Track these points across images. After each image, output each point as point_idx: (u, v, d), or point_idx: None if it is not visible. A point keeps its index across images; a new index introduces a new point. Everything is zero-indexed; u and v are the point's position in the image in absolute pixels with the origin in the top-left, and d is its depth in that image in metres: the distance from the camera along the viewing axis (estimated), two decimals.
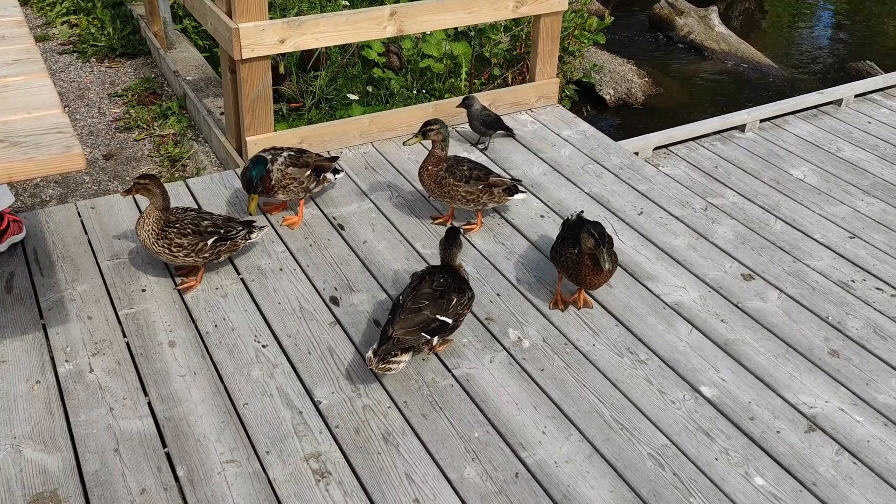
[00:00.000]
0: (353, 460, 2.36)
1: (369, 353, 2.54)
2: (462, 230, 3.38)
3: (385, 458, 2.37)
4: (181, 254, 2.87)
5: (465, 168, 3.28)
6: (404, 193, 3.66)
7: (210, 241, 2.90)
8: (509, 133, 4.12)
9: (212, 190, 3.62)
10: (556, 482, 2.32)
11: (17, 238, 3.14)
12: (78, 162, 1.66)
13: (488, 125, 3.93)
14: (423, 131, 3.27)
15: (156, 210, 2.84)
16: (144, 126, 4.49)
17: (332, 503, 2.22)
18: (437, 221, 3.47)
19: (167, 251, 2.85)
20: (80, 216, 3.38)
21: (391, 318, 2.59)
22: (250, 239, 3.04)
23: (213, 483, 2.26)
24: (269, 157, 3.24)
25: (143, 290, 2.98)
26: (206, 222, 2.92)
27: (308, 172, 3.31)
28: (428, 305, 2.60)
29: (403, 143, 3.32)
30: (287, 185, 3.26)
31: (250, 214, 3.21)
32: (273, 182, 3.21)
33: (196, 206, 3.48)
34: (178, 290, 2.96)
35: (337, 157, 3.55)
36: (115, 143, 4.32)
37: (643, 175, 3.90)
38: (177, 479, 2.27)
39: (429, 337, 2.59)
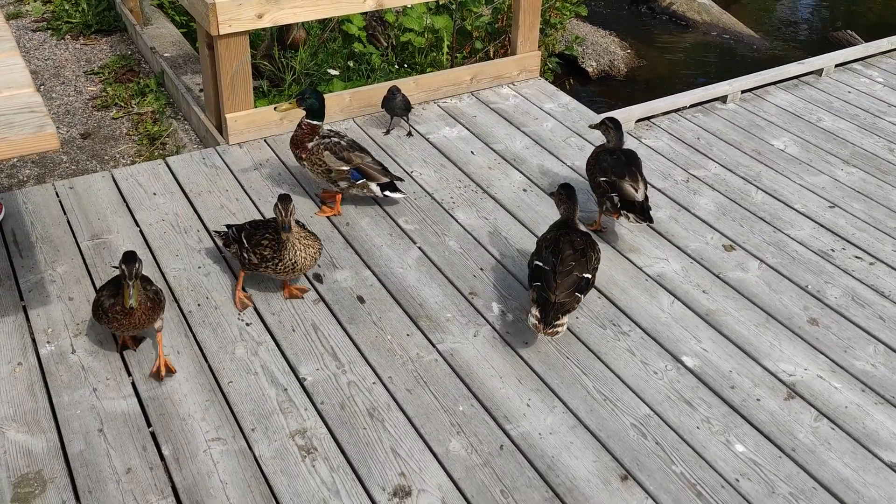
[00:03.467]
0: (338, 436, 2.37)
1: (532, 320, 2.56)
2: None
3: (370, 433, 2.39)
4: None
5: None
6: None
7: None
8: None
9: (192, 168, 3.58)
10: (541, 453, 2.34)
11: None
12: (51, 142, 1.63)
13: (406, 108, 3.87)
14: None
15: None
16: (122, 104, 4.43)
17: (318, 478, 2.24)
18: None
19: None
20: (58, 196, 3.34)
21: (543, 284, 2.59)
22: None
23: (198, 461, 2.27)
24: (327, 130, 3.25)
25: None
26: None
27: (343, 167, 3.18)
28: (575, 266, 2.64)
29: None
30: (314, 164, 3.20)
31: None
32: (307, 149, 3.18)
33: (179, 188, 3.46)
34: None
35: (399, 178, 3.28)
36: (93, 122, 4.26)
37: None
38: (162, 457, 2.28)
39: (580, 296, 2.63)
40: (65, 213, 3.24)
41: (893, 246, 3.32)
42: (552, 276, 2.60)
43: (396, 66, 4.89)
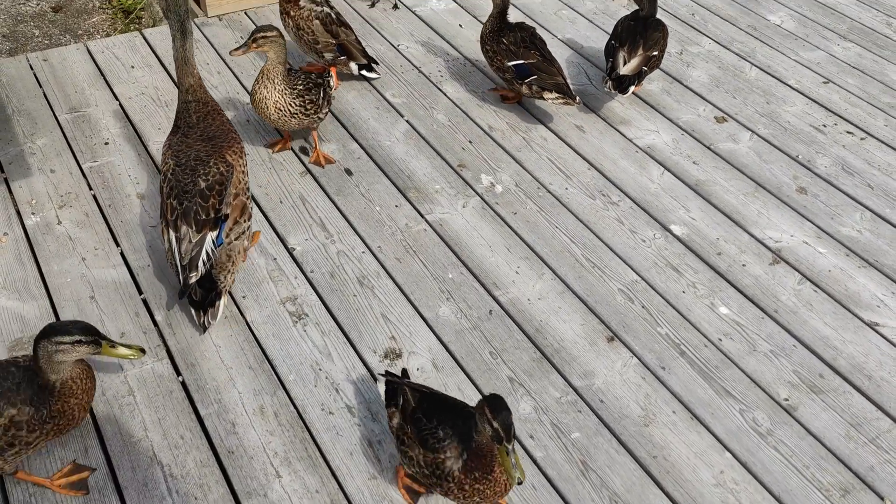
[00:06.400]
0: (329, 302, 2.39)
1: (559, 101, 3.00)
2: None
3: (361, 299, 2.41)
4: (312, 111, 2.75)
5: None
6: (372, 45, 3.53)
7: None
8: None
9: (170, 41, 3.44)
10: (530, 317, 2.38)
11: None
12: None
13: None
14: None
15: (279, 66, 2.59)
16: None
17: (310, 342, 2.27)
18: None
19: (302, 111, 2.72)
20: (32, 69, 3.22)
21: (543, 74, 2.97)
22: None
23: (191, 327, 2.29)
24: None
25: (106, 143, 2.89)
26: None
27: (331, 40, 3.07)
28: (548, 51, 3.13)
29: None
30: (301, 29, 3.05)
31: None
32: (298, 5, 3.04)
33: (158, 61, 3.34)
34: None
35: (375, 62, 3.25)
36: None
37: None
38: (155, 323, 2.30)
39: None
40: (40, 86, 3.13)
41: (885, 121, 3.29)
42: (548, 64, 3.00)
43: None
